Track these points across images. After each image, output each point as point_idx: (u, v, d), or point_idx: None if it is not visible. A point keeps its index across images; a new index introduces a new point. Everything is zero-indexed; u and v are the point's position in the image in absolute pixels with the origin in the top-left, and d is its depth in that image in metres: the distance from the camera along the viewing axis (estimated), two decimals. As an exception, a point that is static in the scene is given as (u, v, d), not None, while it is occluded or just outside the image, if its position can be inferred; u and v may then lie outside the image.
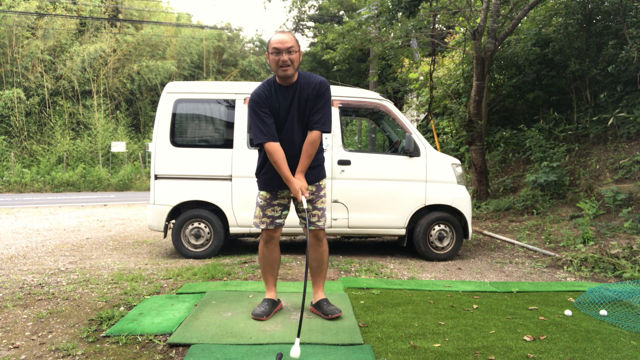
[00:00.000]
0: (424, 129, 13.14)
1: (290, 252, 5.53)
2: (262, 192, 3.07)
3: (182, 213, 5.39)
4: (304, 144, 2.93)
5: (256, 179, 3.14)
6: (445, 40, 13.61)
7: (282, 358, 2.45)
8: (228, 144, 5.35)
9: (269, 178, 3.02)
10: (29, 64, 20.65)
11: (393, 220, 5.35)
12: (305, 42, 29.23)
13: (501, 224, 7.70)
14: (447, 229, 5.43)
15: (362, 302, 3.48)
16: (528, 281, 4.46)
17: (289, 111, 2.93)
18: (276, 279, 3.25)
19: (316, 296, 3.18)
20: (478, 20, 9.05)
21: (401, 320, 3.07)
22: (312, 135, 2.91)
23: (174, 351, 2.59)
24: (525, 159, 9.46)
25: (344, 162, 5.31)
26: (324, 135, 3.75)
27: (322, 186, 3.10)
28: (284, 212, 3.11)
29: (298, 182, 2.87)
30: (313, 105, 2.93)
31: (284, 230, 3.27)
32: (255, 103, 2.90)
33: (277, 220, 3.08)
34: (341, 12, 26.43)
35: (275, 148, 2.85)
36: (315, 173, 3.05)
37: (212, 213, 5.35)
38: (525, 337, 2.80)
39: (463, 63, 11.21)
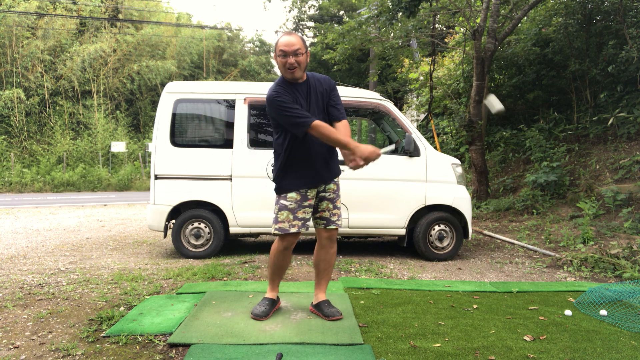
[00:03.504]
0: (424, 129, 13.14)
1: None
2: (291, 194, 2.95)
3: (182, 213, 5.39)
4: (343, 131, 2.93)
5: (276, 182, 3.03)
6: (445, 40, 13.60)
7: (282, 358, 2.45)
8: (228, 144, 5.35)
9: (297, 177, 2.95)
10: (29, 64, 20.65)
11: (393, 220, 5.35)
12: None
13: (501, 224, 7.70)
14: (447, 229, 5.43)
15: (362, 302, 3.48)
16: (528, 281, 4.46)
17: (308, 107, 2.93)
18: (281, 279, 3.27)
19: (317, 297, 3.18)
20: (478, 20, 9.05)
21: (401, 320, 3.07)
22: (344, 122, 3.00)
23: (174, 351, 2.59)
24: (525, 159, 9.46)
25: (344, 162, 5.31)
26: None
27: (339, 184, 3.15)
28: (311, 214, 3.08)
29: (367, 146, 2.82)
30: (330, 99, 3.01)
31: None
32: (278, 99, 2.83)
33: (308, 223, 3.02)
34: (341, 12, 26.43)
35: (322, 123, 2.82)
36: (336, 169, 3.11)
37: (212, 213, 5.35)
38: (525, 337, 2.80)
39: (463, 63, 11.22)
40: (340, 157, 3.05)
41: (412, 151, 5.33)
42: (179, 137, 5.40)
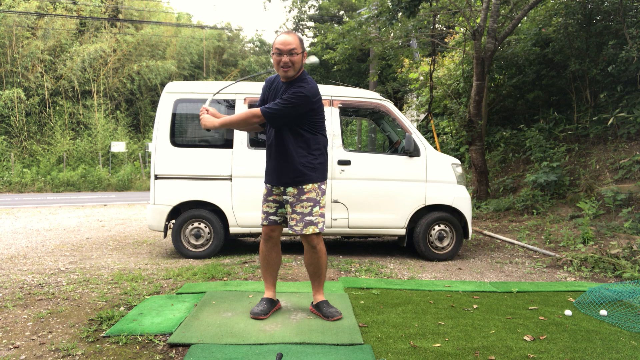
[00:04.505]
0: (424, 129, 13.14)
1: (290, 252, 5.53)
2: (264, 188, 3.19)
3: (182, 213, 5.39)
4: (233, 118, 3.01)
5: None
6: (445, 40, 13.60)
7: (282, 358, 2.45)
8: (228, 144, 5.35)
9: (266, 172, 3.14)
10: (29, 64, 20.65)
11: (393, 220, 5.35)
12: (305, 42, 29.25)
13: (501, 224, 7.70)
14: (447, 229, 5.43)
15: (362, 302, 3.48)
16: (528, 281, 4.46)
17: None
18: (275, 279, 3.25)
19: (316, 298, 3.18)
20: (478, 20, 9.05)
21: (401, 320, 3.07)
22: (253, 109, 2.96)
23: (174, 351, 2.59)
24: (525, 159, 9.46)
25: (344, 162, 5.31)
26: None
27: (305, 190, 2.99)
28: (280, 210, 3.12)
29: (208, 113, 3.03)
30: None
31: (285, 229, 3.26)
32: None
33: (272, 217, 3.11)
34: (341, 12, 26.42)
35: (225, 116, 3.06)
36: (298, 175, 2.98)
37: (212, 213, 5.35)
38: (525, 337, 2.80)
39: (463, 63, 11.21)
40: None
41: (412, 151, 5.33)
42: (179, 137, 5.40)
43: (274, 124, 2.94)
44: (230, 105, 5.41)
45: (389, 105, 5.54)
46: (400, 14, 8.92)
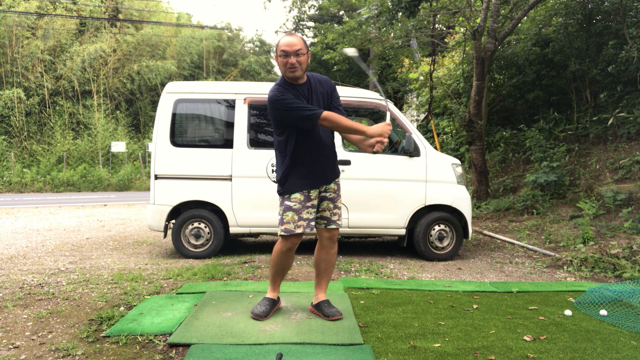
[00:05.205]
0: (424, 129, 13.14)
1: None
2: (295, 195, 2.95)
3: (182, 213, 5.39)
4: (343, 119, 2.87)
5: (280, 184, 3.01)
6: (445, 40, 13.60)
7: (282, 358, 2.45)
8: (228, 144, 5.35)
9: (301, 178, 2.96)
10: (29, 64, 20.65)
11: (393, 220, 5.35)
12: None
13: (501, 224, 7.70)
14: (447, 229, 5.42)
15: (362, 302, 3.48)
16: (528, 281, 4.46)
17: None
18: (283, 280, 3.28)
19: (317, 297, 3.18)
20: (478, 20, 9.05)
21: (401, 320, 3.07)
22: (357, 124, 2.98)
23: (174, 351, 2.59)
24: (525, 159, 9.46)
25: (344, 162, 5.31)
26: None
27: (340, 184, 3.18)
28: (314, 214, 3.07)
29: (375, 125, 2.83)
30: (331, 101, 3.05)
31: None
32: (282, 97, 2.84)
33: (312, 223, 3.01)
34: (341, 12, 26.43)
35: (331, 112, 2.87)
36: (337, 170, 3.14)
37: (212, 213, 5.35)
38: (525, 337, 2.80)
39: (463, 63, 11.21)
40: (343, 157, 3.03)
41: (412, 151, 5.33)
42: (179, 137, 5.40)
43: None
44: (230, 105, 5.41)
45: (389, 105, 5.54)
46: (400, 14, 8.92)
